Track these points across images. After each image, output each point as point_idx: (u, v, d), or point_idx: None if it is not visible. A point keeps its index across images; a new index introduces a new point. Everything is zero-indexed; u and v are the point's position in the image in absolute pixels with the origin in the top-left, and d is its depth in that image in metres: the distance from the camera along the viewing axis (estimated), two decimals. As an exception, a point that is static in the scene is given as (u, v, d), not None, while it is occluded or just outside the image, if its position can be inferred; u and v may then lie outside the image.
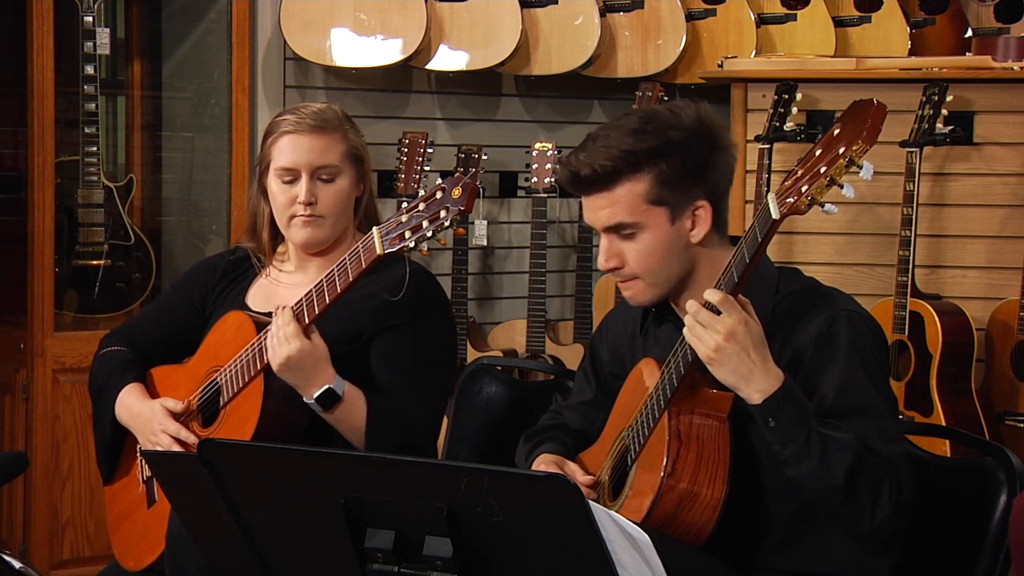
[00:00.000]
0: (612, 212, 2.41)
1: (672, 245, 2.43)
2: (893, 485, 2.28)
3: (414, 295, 2.78)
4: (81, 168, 4.47)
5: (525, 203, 4.96)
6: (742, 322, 2.29)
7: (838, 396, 2.33)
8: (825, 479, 2.26)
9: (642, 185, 2.40)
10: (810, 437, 2.27)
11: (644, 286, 2.46)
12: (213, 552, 2.17)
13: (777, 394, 2.28)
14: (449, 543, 1.84)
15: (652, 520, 2.31)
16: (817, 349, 2.37)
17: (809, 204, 2.23)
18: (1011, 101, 4.20)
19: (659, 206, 2.41)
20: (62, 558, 4.36)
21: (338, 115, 2.89)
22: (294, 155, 2.83)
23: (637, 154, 2.39)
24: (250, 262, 3.00)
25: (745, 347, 2.28)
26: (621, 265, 2.44)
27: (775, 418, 2.28)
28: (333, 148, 2.85)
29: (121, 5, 5.01)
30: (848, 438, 2.27)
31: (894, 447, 2.32)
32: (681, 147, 2.40)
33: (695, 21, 4.97)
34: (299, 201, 2.82)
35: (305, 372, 2.68)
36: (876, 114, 2.20)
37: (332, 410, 2.71)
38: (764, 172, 4.25)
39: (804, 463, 2.27)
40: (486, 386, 3.26)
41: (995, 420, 4.13)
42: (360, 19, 4.61)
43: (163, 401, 2.86)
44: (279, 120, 2.88)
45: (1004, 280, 4.18)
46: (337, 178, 2.85)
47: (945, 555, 2.50)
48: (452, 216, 2.48)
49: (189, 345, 2.98)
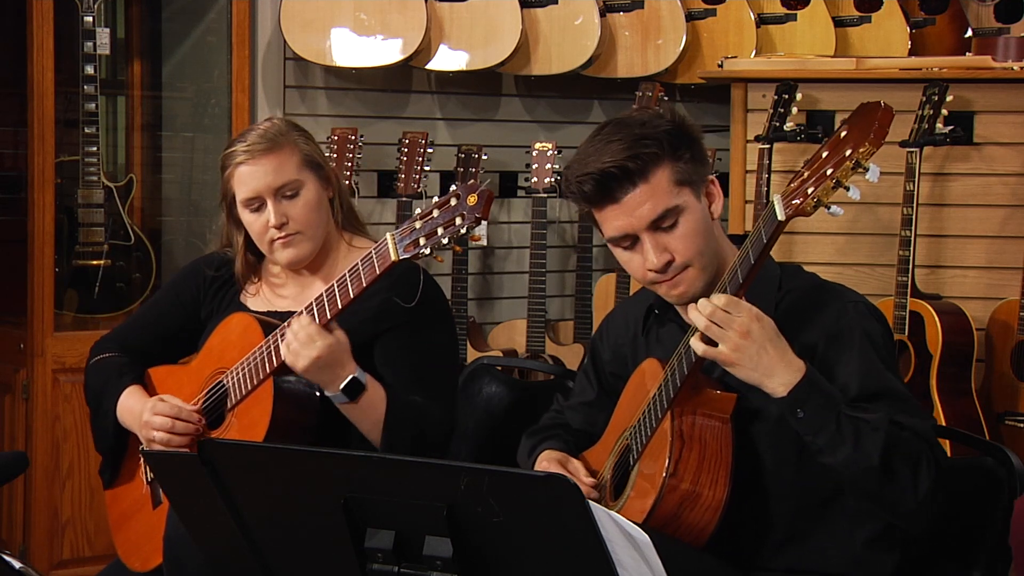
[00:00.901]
0: (654, 203, 2.38)
1: (706, 223, 2.43)
2: (930, 458, 2.28)
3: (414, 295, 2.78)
4: (81, 168, 4.47)
5: (525, 203, 4.96)
6: (755, 318, 2.28)
7: (859, 384, 2.33)
8: (862, 462, 2.25)
9: (669, 169, 2.39)
10: (840, 422, 2.26)
11: (696, 272, 2.42)
12: (213, 552, 2.17)
13: (801, 384, 2.27)
14: (449, 543, 1.84)
15: (654, 520, 2.31)
16: (829, 342, 2.37)
17: (815, 206, 2.23)
18: (1011, 101, 4.20)
19: (686, 186, 2.40)
20: (62, 558, 4.35)
21: (282, 129, 2.86)
22: (252, 182, 2.82)
23: (658, 139, 2.38)
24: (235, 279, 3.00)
25: (763, 343, 2.28)
26: (672, 259, 2.41)
27: (803, 408, 2.27)
28: (287, 163, 2.82)
29: (121, 5, 5.01)
30: (879, 417, 2.26)
31: (924, 422, 2.33)
32: (676, 131, 2.41)
33: (695, 21, 4.97)
34: (271, 225, 2.81)
35: (332, 367, 2.66)
36: (883, 116, 2.20)
37: (358, 399, 2.69)
38: (764, 172, 4.25)
39: (839, 449, 2.26)
40: (486, 386, 3.26)
41: (995, 420, 4.13)
42: (360, 19, 4.60)
43: (161, 396, 2.85)
44: (229, 152, 2.86)
45: (1004, 280, 4.18)
46: (301, 191, 2.83)
47: (945, 555, 2.50)
48: (468, 223, 2.46)
49: (181, 347, 2.98)
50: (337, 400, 2.69)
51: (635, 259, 2.43)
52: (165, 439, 2.79)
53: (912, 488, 2.26)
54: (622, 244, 2.43)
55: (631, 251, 2.42)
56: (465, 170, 4.65)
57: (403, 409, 2.73)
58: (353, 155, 4.50)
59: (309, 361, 2.63)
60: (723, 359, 2.30)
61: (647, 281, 2.45)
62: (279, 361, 2.69)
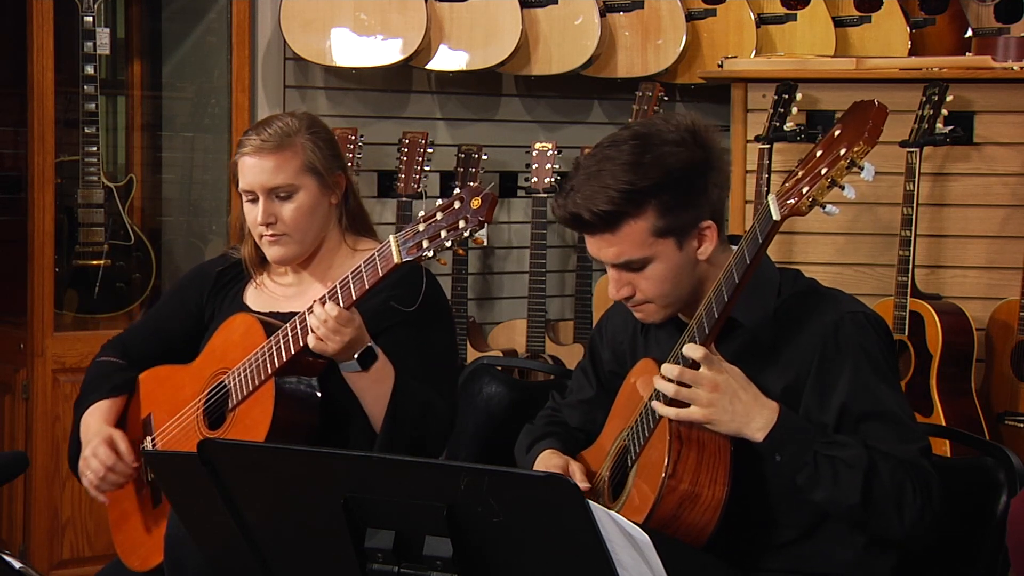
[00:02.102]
0: (619, 251, 2.37)
1: (683, 268, 2.40)
2: (917, 485, 2.27)
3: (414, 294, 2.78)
4: (81, 168, 4.47)
5: (525, 203, 4.95)
6: (721, 370, 2.30)
7: (850, 403, 2.33)
8: (842, 500, 2.27)
9: (646, 221, 2.35)
10: (818, 462, 2.27)
11: (657, 308, 2.43)
12: (213, 552, 2.17)
13: (776, 427, 2.28)
14: (449, 543, 1.84)
15: (653, 521, 2.31)
16: (823, 356, 2.36)
17: (810, 205, 2.22)
18: (1011, 101, 4.20)
19: (666, 237, 2.37)
20: (62, 558, 4.36)
21: (296, 128, 2.84)
22: (249, 177, 2.83)
23: (638, 192, 2.33)
24: (243, 265, 3.00)
25: (734, 391, 2.29)
26: (633, 294, 2.41)
27: (780, 452, 2.28)
28: (285, 166, 2.81)
29: (121, 5, 5.00)
30: (856, 454, 2.26)
31: (911, 447, 2.31)
32: (680, 174, 2.36)
33: (695, 21, 4.97)
34: (258, 222, 2.83)
35: (352, 345, 2.67)
36: (877, 115, 2.20)
37: (370, 368, 2.69)
38: (764, 172, 4.25)
39: (818, 488, 2.28)
40: (486, 386, 3.26)
41: (995, 420, 4.13)
42: (360, 19, 4.61)
43: (111, 436, 2.87)
44: (244, 139, 2.86)
45: (1004, 280, 4.18)
46: (295, 194, 2.82)
47: (945, 555, 2.50)
48: (472, 227, 2.45)
49: (185, 351, 2.97)
50: (349, 369, 2.70)
51: (608, 276, 2.47)
52: (93, 481, 2.86)
53: (897, 520, 2.27)
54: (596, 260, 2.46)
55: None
56: (465, 170, 4.65)
57: (410, 388, 2.74)
58: (353, 155, 4.50)
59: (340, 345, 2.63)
60: (699, 419, 2.31)
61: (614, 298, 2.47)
62: (281, 362, 2.69)
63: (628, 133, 2.40)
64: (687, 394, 2.30)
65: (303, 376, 2.74)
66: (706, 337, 2.33)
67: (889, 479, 2.26)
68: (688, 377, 2.30)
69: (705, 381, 2.29)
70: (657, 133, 2.39)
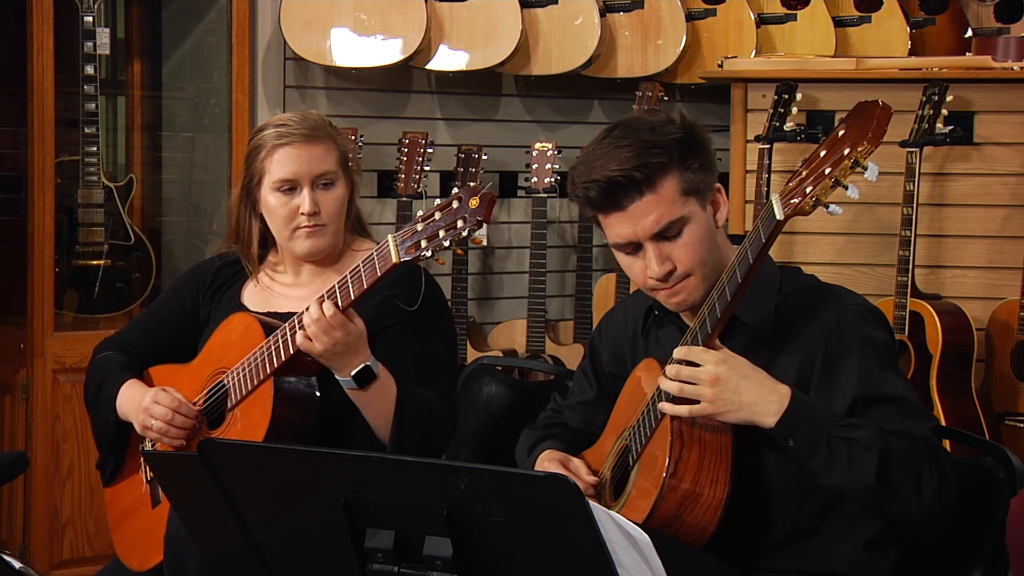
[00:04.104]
0: (660, 213, 2.36)
1: (710, 232, 2.41)
2: (932, 463, 2.27)
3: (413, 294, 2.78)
4: (81, 168, 4.47)
5: (525, 203, 4.96)
6: (720, 361, 2.30)
7: (859, 390, 2.33)
8: (859, 482, 2.26)
9: (676, 179, 2.37)
10: (832, 444, 2.26)
11: (698, 281, 2.41)
12: (213, 552, 2.17)
13: (788, 411, 2.28)
14: (449, 543, 1.84)
15: (654, 520, 2.31)
16: (829, 348, 2.36)
17: (814, 205, 2.22)
18: (1011, 101, 4.20)
19: (693, 195, 2.39)
20: (62, 558, 4.36)
21: (325, 121, 2.89)
22: (293, 166, 2.82)
23: (667, 148, 2.36)
24: (240, 265, 3.00)
25: (736, 382, 2.29)
26: (674, 268, 2.40)
27: (793, 437, 2.28)
28: (329, 155, 2.85)
29: (121, 5, 5.00)
30: (870, 434, 2.26)
31: (923, 425, 2.31)
32: (692, 137, 2.40)
33: (695, 21, 4.97)
34: (303, 212, 2.81)
35: (347, 354, 2.66)
36: (881, 115, 2.20)
37: (367, 387, 2.69)
38: (764, 172, 4.25)
39: (834, 472, 2.27)
40: (486, 386, 3.27)
41: (995, 420, 4.13)
42: (360, 19, 4.61)
43: (164, 387, 2.85)
44: (267, 134, 2.85)
45: (1004, 280, 4.18)
46: (336, 183, 2.85)
47: (945, 555, 2.50)
48: (470, 226, 2.45)
49: (181, 351, 2.97)
50: (346, 385, 2.70)
51: (636, 264, 2.42)
52: (162, 428, 2.79)
53: (916, 498, 2.26)
54: (625, 250, 2.42)
55: (633, 256, 2.42)
56: (465, 170, 4.65)
57: (414, 401, 2.74)
58: (353, 155, 4.49)
59: (327, 345, 2.62)
60: (708, 413, 2.31)
61: (647, 287, 2.44)
62: (280, 361, 2.69)
63: (621, 122, 2.43)
64: (691, 391, 2.31)
65: (302, 375, 2.74)
66: (709, 336, 2.33)
67: (906, 457, 2.26)
68: (687, 375, 2.31)
69: (704, 376, 2.29)
70: (650, 117, 2.43)
